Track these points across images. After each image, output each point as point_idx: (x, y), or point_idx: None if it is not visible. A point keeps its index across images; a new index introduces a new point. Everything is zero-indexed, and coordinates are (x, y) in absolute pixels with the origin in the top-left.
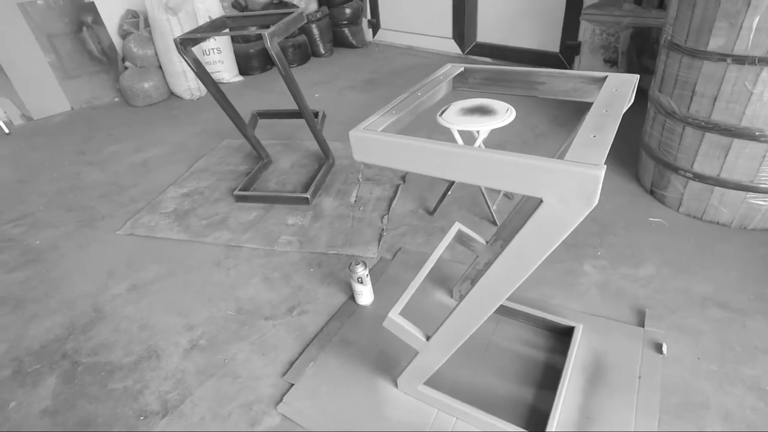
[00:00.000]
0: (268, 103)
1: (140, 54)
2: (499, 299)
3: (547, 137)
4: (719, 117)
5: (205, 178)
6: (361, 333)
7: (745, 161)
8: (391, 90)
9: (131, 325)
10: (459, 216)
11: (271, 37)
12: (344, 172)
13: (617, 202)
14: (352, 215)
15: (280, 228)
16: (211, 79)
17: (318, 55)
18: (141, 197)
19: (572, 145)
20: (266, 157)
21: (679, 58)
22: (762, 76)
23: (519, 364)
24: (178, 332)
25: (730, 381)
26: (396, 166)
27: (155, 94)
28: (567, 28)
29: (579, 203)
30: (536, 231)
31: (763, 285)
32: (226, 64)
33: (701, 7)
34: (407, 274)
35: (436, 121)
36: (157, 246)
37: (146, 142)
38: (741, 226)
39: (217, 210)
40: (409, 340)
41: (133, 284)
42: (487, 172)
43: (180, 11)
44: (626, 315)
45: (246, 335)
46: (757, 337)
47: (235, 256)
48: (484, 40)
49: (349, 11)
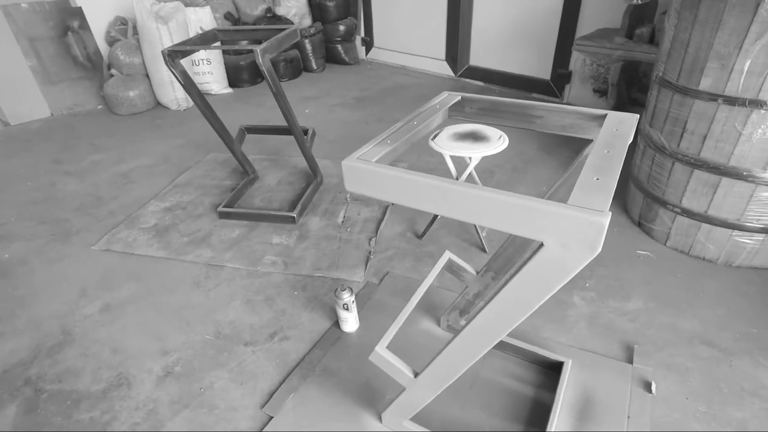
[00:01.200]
0: (257, 117)
1: (127, 62)
2: (493, 341)
3: (535, 164)
4: (708, 155)
5: (188, 192)
6: (344, 362)
7: (733, 199)
8: (382, 108)
9: (102, 349)
10: (448, 241)
11: (263, 53)
12: (332, 191)
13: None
14: (339, 236)
15: (265, 247)
16: (198, 92)
17: (310, 70)
18: (120, 211)
19: (575, 188)
20: (252, 173)
21: (670, 95)
22: (752, 117)
23: (507, 400)
24: (151, 357)
25: (719, 422)
26: (389, 199)
27: (140, 103)
28: (558, 56)
29: (582, 250)
30: (535, 275)
31: (749, 324)
32: (215, 75)
33: (694, 47)
34: (394, 300)
35: (426, 145)
36: (135, 263)
37: (128, 153)
38: (727, 263)
39: (200, 226)
40: (396, 376)
41: (107, 304)
42: (486, 212)
43: (171, 20)
44: (615, 350)
45: (224, 362)
46: (743, 377)
47: (216, 276)
48: (477, 63)
49: (343, 28)
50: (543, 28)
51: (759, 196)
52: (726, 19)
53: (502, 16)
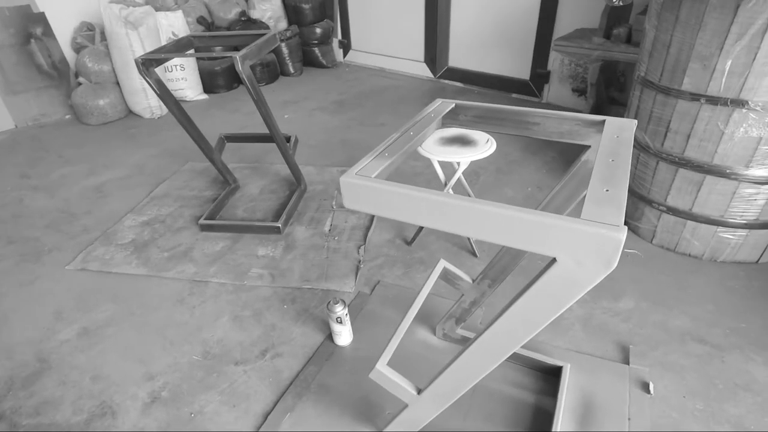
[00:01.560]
0: (235, 123)
1: (96, 69)
2: (501, 358)
3: (520, 165)
4: (692, 154)
5: (166, 204)
6: (340, 377)
7: (717, 197)
8: (362, 112)
9: (81, 376)
10: (438, 246)
11: (242, 60)
12: (317, 199)
13: None
14: (326, 245)
15: (250, 260)
16: (175, 101)
17: (287, 74)
18: (94, 226)
19: (586, 201)
20: (234, 182)
21: (653, 95)
22: (733, 116)
23: (509, 408)
24: (136, 383)
25: (716, 421)
26: (392, 216)
27: (111, 112)
28: (537, 57)
29: (596, 265)
30: (546, 291)
31: (737, 319)
32: (189, 81)
33: (676, 48)
34: (387, 310)
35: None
36: (113, 282)
37: (101, 165)
38: (712, 259)
39: (181, 240)
40: (398, 393)
41: (84, 328)
42: (496, 228)
43: (141, 26)
44: (610, 351)
45: (214, 384)
46: (736, 372)
47: (201, 293)
48: (456, 65)
49: (320, 31)
50: (521, 29)
51: (741, 193)
52: (707, 20)
53: (480, 16)
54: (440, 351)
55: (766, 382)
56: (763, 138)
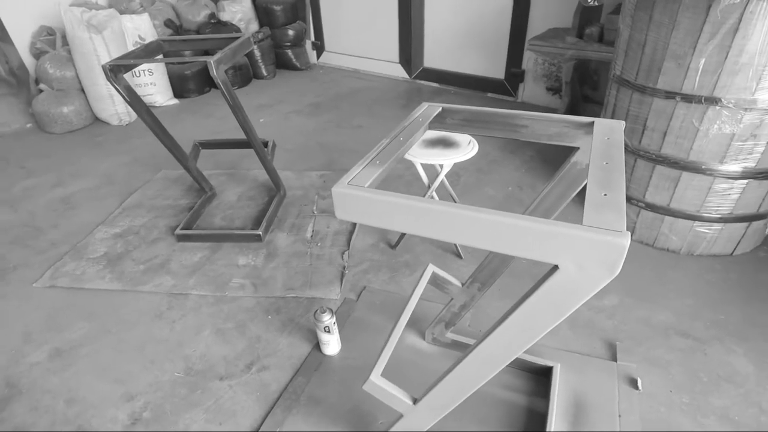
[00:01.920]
0: (208, 128)
1: (58, 75)
2: (500, 366)
3: (499, 164)
4: (669, 151)
5: (140, 215)
6: (330, 388)
7: (693, 192)
8: (339, 114)
9: (55, 400)
10: (423, 249)
11: (217, 64)
12: (297, 204)
13: None
14: (309, 252)
15: (231, 270)
16: (146, 108)
17: (260, 77)
18: (63, 240)
19: (586, 206)
20: (210, 190)
21: (629, 93)
22: (708, 114)
23: (501, 411)
24: (115, 404)
25: (702, 413)
26: (388, 226)
27: (76, 120)
28: (511, 56)
29: (600, 272)
30: (549, 298)
31: (716, 311)
32: (158, 86)
33: (651, 47)
34: (375, 316)
35: None
36: (85, 299)
37: (67, 175)
38: (689, 253)
39: (157, 252)
40: (392, 404)
41: (56, 348)
42: (499, 237)
43: (105, 29)
44: (598, 348)
45: (198, 401)
46: (718, 365)
47: (180, 306)
48: (432, 65)
49: (292, 33)
50: (495, 29)
51: (716, 188)
52: (680, 19)
53: (454, 17)
54: (430, 356)
55: (747, 373)
56: (736, 134)
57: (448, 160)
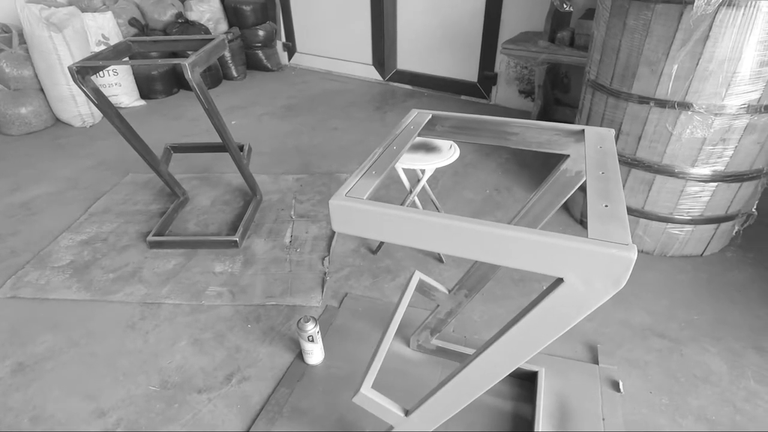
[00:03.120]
0: (178, 131)
1: (14, 75)
2: (498, 378)
3: (476, 167)
4: (643, 154)
5: (108, 220)
6: (314, 398)
7: (666, 195)
8: (314, 117)
9: (18, 419)
10: (404, 254)
11: (191, 67)
12: (274, 209)
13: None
14: (288, 258)
15: (207, 278)
16: (116, 111)
17: (230, 78)
18: (24, 248)
19: (590, 218)
20: (182, 195)
21: (604, 98)
22: (680, 118)
23: (487, 417)
24: (85, 421)
25: (681, 413)
26: (388, 239)
27: (36, 121)
28: (484, 59)
29: (605, 285)
30: (553, 311)
31: (689, 311)
32: (124, 87)
33: (625, 53)
34: (358, 323)
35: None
36: (50, 310)
37: (27, 179)
38: (662, 254)
39: (127, 260)
40: (384, 417)
41: (19, 363)
42: (503, 251)
43: (66, 28)
44: (579, 351)
45: (176, 416)
46: (694, 364)
47: (154, 316)
48: (405, 67)
49: (263, 33)
50: (467, 32)
51: (688, 191)
52: (653, 27)
53: (427, 19)
54: (415, 363)
55: (721, 372)
56: (707, 138)
57: (430, 165)
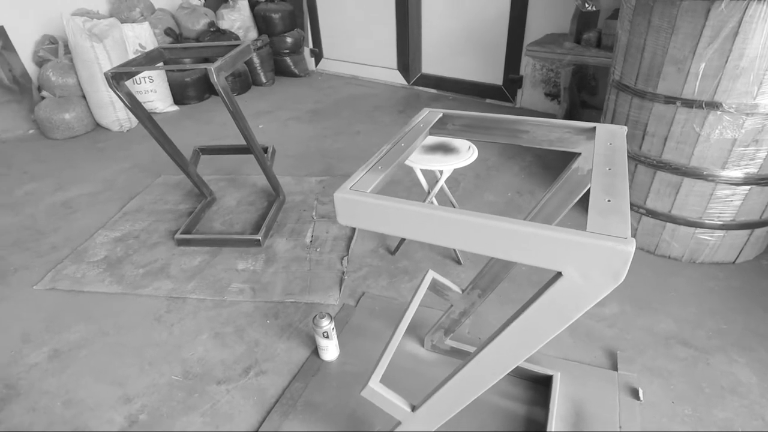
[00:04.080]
0: (208, 134)
1: (60, 83)
2: (501, 374)
3: (498, 170)
4: (670, 156)
5: (140, 219)
6: (328, 394)
7: (695, 199)
8: (338, 121)
9: (53, 402)
10: (422, 255)
11: (217, 71)
12: (296, 210)
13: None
14: (308, 257)
15: (230, 275)
16: (148, 115)
17: (259, 84)
18: (64, 244)
19: (590, 212)
20: (210, 195)
21: (629, 98)
22: (708, 119)
23: (500, 420)
24: (112, 407)
25: (705, 425)
26: (391, 232)
27: (78, 126)
28: (509, 62)
29: (604, 279)
30: (552, 305)
31: (719, 320)
32: (159, 93)
33: (650, 51)
34: (374, 322)
35: None
36: (85, 302)
37: (68, 180)
38: (691, 260)
39: (156, 256)
40: (391, 411)
41: (55, 350)
42: (502, 244)
43: (106, 38)
44: (599, 357)
45: (195, 405)
46: (721, 375)
47: (179, 310)
48: (429, 71)
49: (291, 40)
50: (492, 35)
51: (718, 194)
52: (679, 24)
53: (452, 23)
54: (429, 363)
55: (750, 384)
56: (738, 139)
57: (447, 166)
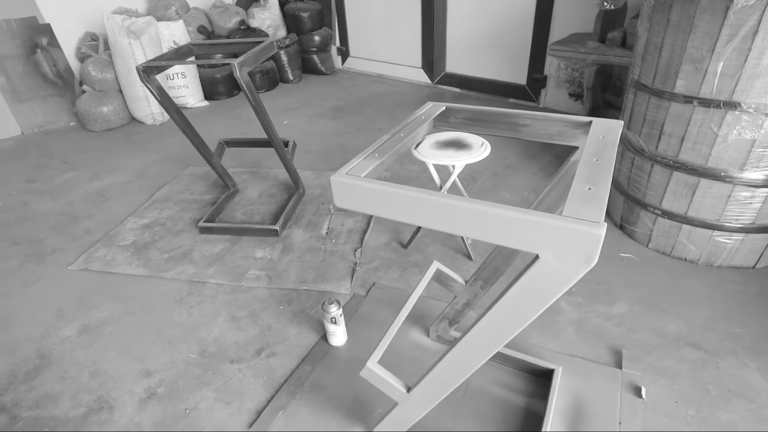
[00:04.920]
0: (235, 129)
1: (99, 77)
2: (487, 355)
3: (516, 169)
4: (686, 157)
5: (167, 207)
6: (334, 377)
7: (712, 200)
8: (361, 118)
9: (81, 372)
10: (433, 250)
11: (240, 66)
12: (314, 203)
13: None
14: (323, 248)
15: (248, 262)
16: (175, 107)
17: (286, 81)
18: (97, 229)
19: (569, 199)
20: (233, 186)
21: (646, 98)
22: (726, 119)
23: (499, 410)
24: (133, 379)
25: (708, 426)
26: (381, 214)
27: (114, 119)
28: (533, 61)
29: (577, 262)
30: (530, 287)
31: (732, 324)
32: (191, 89)
33: (668, 50)
34: (382, 312)
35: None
36: (114, 282)
37: (103, 170)
38: (708, 264)
39: (180, 242)
40: (388, 391)
41: (85, 325)
42: (480, 226)
43: (143, 35)
44: (603, 355)
45: (209, 381)
46: (730, 378)
47: (199, 293)
48: (453, 70)
49: (318, 39)
50: (517, 34)
51: (737, 196)
52: (697, 23)
53: (477, 22)
54: (433, 352)
55: (760, 388)
56: (757, 140)
57: (459, 161)
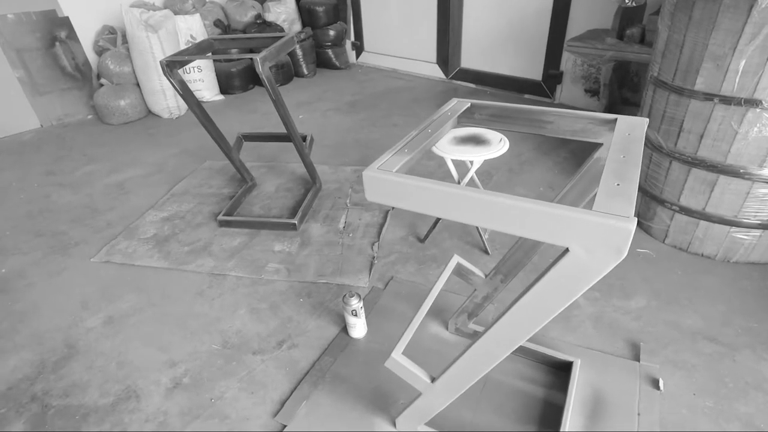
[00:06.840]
0: (251, 123)
1: (117, 71)
2: (512, 346)
3: (532, 165)
4: (705, 153)
5: (186, 201)
6: (354, 368)
7: (730, 197)
8: (376, 112)
9: (107, 362)
10: (450, 244)
11: (262, 61)
12: (331, 197)
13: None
14: (341, 242)
15: (267, 255)
16: (196, 101)
17: (301, 75)
18: (117, 221)
19: (599, 194)
20: (251, 180)
21: (666, 95)
22: (747, 116)
23: (518, 402)
24: (159, 369)
25: (726, 418)
26: (411, 208)
27: (132, 112)
28: (549, 57)
29: (607, 255)
30: (559, 280)
31: (749, 319)
32: (206, 82)
33: (689, 47)
34: (400, 305)
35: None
36: (135, 274)
37: (122, 163)
38: (725, 259)
39: (200, 236)
40: (412, 382)
41: (109, 316)
42: (511, 220)
43: (160, 29)
44: (621, 348)
45: (233, 371)
46: (747, 372)
47: (219, 285)
48: (468, 66)
49: (333, 33)
50: (533, 30)
51: (755, 193)
52: (720, 20)
53: (493, 18)
54: (452, 345)
55: None
56: None
57: (478, 157)
